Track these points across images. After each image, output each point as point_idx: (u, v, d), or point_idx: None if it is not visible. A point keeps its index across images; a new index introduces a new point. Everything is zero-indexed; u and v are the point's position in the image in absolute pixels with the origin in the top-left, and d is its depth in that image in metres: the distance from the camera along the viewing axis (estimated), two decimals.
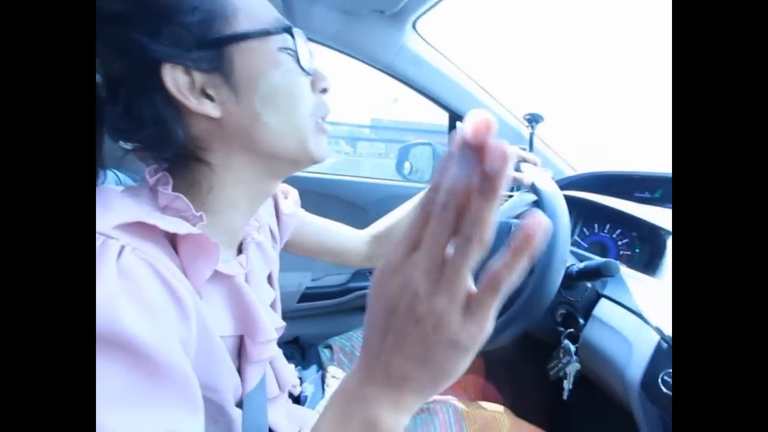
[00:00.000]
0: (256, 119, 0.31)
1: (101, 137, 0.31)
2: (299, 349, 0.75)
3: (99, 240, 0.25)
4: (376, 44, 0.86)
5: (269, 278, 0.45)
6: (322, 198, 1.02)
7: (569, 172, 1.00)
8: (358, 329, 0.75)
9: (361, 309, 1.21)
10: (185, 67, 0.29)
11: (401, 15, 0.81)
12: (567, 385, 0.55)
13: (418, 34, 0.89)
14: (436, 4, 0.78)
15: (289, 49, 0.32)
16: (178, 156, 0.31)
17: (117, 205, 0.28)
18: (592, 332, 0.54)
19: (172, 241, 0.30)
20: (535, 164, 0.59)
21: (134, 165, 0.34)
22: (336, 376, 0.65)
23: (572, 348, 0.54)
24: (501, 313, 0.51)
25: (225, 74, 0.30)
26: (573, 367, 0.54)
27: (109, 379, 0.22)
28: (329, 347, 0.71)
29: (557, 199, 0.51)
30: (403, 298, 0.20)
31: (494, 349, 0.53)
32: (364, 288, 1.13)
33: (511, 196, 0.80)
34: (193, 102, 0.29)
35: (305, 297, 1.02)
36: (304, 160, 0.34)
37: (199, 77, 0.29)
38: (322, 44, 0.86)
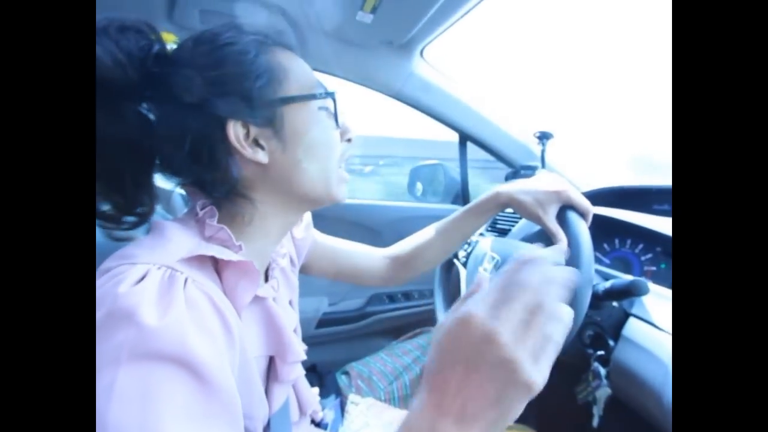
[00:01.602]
0: (298, 166, 0.36)
1: (150, 173, 0.37)
2: (317, 376, 0.74)
3: (167, 273, 0.28)
4: (385, 73, 0.90)
5: (290, 303, 0.47)
6: (336, 222, 1.04)
7: (583, 187, 0.99)
8: (375, 354, 0.75)
9: (378, 333, 1.19)
10: (243, 122, 0.34)
11: (409, 45, 0.85)
12: (597, 411, 0.52)
13: (426, 62, 0.92)
14: (442, 32, 0.81)
15: (327, 108, 0.38)
16: (229, 193, 0.35)
17: (176, 238, 0.32)
18: (623, 354, 0.52)
19: (217, 268, 0.33)
20: (585, 215, 0.51)
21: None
22: (355, 402, 0.63)
23: (602, 371, 0.51)
24: None
25: (276, 128, 0.35)
26: (603, 392, 0.51)
27: (174, 395, 0.24)
28: (347, 373, 0.70)
29: (586, 254, 0.48)
30: (487, 344, 0.22)
31: None
32: (381, 312, 1.11)
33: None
34: (249, 151, 0.34)
35: (323, 322, 1.02)
36: (327, 200, 0.40)
37: (254, 130, 0.34)
38: (334, 75, 0.90)
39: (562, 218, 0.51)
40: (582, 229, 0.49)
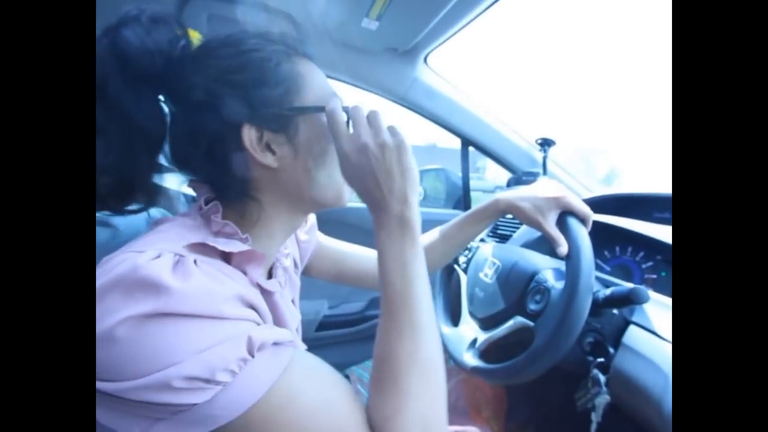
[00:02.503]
0: (307, 173, 0.37)
1: (155, 171, 0.37)
2: None
3: (174, 258, 0.28)
4: (390, 79, 0.91)
5: (293, 302, 0.48)
6: (339, 226, 1.04)
7: (584, 194, 0.99)
8: None
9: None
10: (258, 127, 0.35)
11: (414, 51, 0.86)
12: (595, 417, 0.52)
13: (430, 68, 0.93)
14: (446, 39, 0.82)
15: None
16: (237, 194, 0.36)
17: (180, 231, 0.32)
18: (623, 362, 0.52)
19: (226, 259, 0.34)
20: (584, 220, 0.51)
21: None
22: None
23: (602, 379, 0.52)
24: (527, 347, 0.50)
25: (289, 136, 0.36)
26: (602, 399, 0.51)
27: (192, 339, 0.25)
28: (347, 377, 0.70)
29: (586, 257, 0.48)
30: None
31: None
32: None
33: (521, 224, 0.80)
34: (260, 154, 0.35)
35: (323, 325, 1.02)
36: (333, 204, 0.41)
37: (267, 135, 0.35)
38: (337, 79, 0.91)
39: (561, 224, 0.51)
40: (582, 233, 0.49)
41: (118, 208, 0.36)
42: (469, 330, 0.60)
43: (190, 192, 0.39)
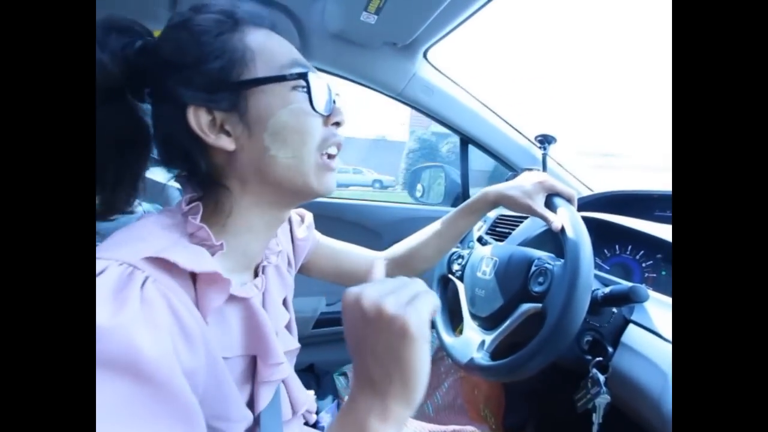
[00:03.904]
0: (265, 153, 0.34)
1: (137, 171, 0.36)
2: (314, 377, 0.74)
3: (127, 270, 0.27)
4: (388, 74, 0.90)
5: (284, 301, 0.46)
6: (335, 222, 1.04)
7: (584, 192, 0.98)
8: None
9: None
10: (207, 108, 0.32)
11: (413, 46, 0.85)
12: (596, 419, 0.51)
13: (429, 63, 0.92)
14: (446, 35, 0.81)
15: (303, 88, 0.35)
16: (204, 182, 0.35)
17: (149, 237, 0.31)
18: (622, 361, 0.51)
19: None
20: (570, 199, 0.53)
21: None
22: None
23: (601, 378, 0.51)
24: (522, 344, 0.49)
25: (240, 113, 0.33)
26: (603, 399, 0.51)
27: (115, 398, 0.24)
28: (344, 375, 0.69)
29: (581, 235, 0.49)
30: (366, 312, 0.26)
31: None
32: None
33: (525, 218, 0.79)
34: (212, 137, 0.33)
35: (320, 323, 1.01)
36: (306, 191, 0.37)
37: (219, 116, 0.33)
38: (337, 75, 0.90)
39: (549, 205, 0.54)
40: (570, 208, 0.52)
41: (104, 218, 0.36)
42: (474, 334, 0.59)
43: (178, 186, 0.38)
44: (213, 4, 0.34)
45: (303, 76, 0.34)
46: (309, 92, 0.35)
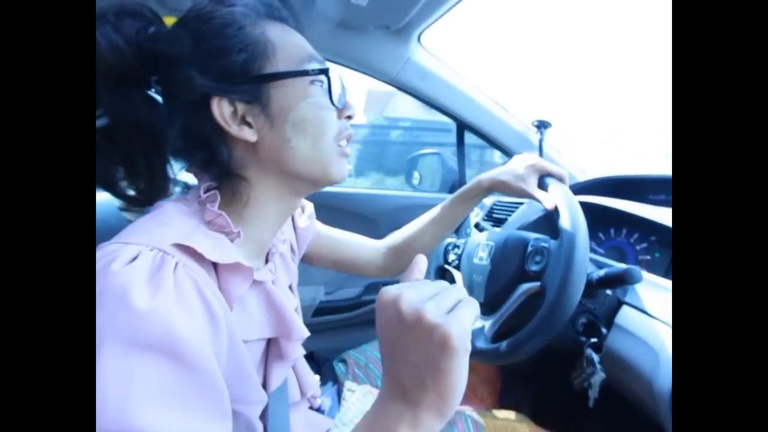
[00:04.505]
0: (286, 144, 0.35)
1: (165, 158, 0.37)
2: (315, 364, 0.75)
3: (158, 255, 0.28)
4: (382, 59, 0.88)
5: (290, 288, 0.48)
6: (333, 212, 1.03)
7: (580, 177, 0.98)
8: (372, 342, 0.75)
9: (375, 322, 1.20)
10: (230, 99, 0.33)
11: (406, 29, 0.83)
12: (593, 393, 0.53)
13: (423, 47, 0.90)
14: (440, 17, 0.79)
15: (321, 82, 0.36)
16: (223, 173, 0.35)
17: (172, 222, 0.32)
18: (615, 341, 0.53)
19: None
20: (561, 179, 0.55)
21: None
22: (351, 389, 0.64)
23: (596, 358, 0.52)
24: (522, 327, 0.50)
25: (262, 105, 0.34)
26: (598, 377, 0.52)
27: (154, 381, 0.24)
28: (344, 361, 0.71)
29: (575, 211, 0.49)
30: (403, 317, 0.25)
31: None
32: None
33: (521, 204, 0.80)
34: (235, 128, 0.34)
35: (319, 311, 1.02)
36: (324, 180, 0.38)
37: (241, 107, 0.33)
38: (328, 59, 0.88)
39: (542, 186, 0.55)
40: (562, 187, 0.53)
41: (142, 207, 0.36)
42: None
43: (189, 179, 0.38)
44: None
45: (324, 71, 0.36)
46: (330, 88, 0.36)
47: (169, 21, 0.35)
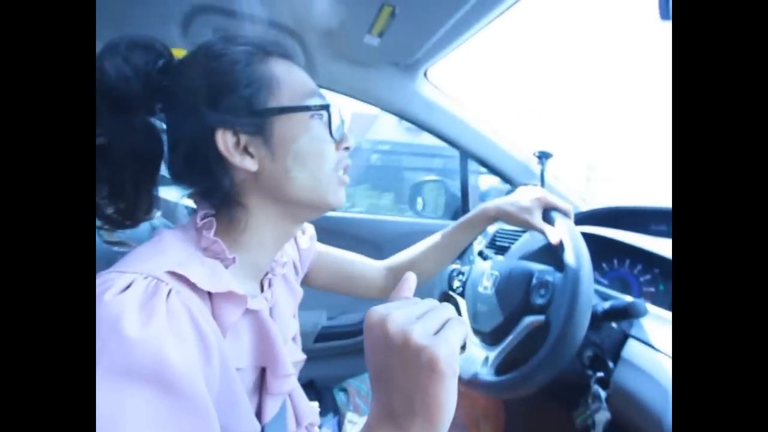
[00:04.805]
0: (286, 173, 0.36)
1: (153, 183, 0.38)
2: (315, 392, 0.73)
3: (152, 283, 0.28)
4: (390, 92, 0.92)
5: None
6: (337, 236, 1.04)
7: (581, 206, 0.99)
8: None
9: None
10: (234, 131, 0.34)
11: (414, 66, 0.88)
12: None
13: (430, 82, 0.95)
14: (446, 54, 0.84)
15: (321, 116, 0.38)
16: (223, 200, 0.36)
17: (168, 250, 0.32)
18: (623, 376, 0.51)
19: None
20: (566, 214, 0.55)
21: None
22: (353, 421, 0.62)
23: (602, 394, 0.51)
24: (525, 359, 0.49)
25: (265, 137, 0.36)
26: (602, 416, 0.51)
27: (144, 412, 0.24)
28: (345, 390, 0.69)
29: (580, 247, 0.50)
30: (390, 340, 0.24)
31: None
32: None
33: (524, 232, 0.80)
34: (237, 158, 0.35)
35: (321, 337, 1.01)
36: (322, 207, 0.39)
37: (244, 138, 0.35)
38: (338, 92, 0.92)
39: (547, 219, 0.55)
40: (567, 222, 0.53)
41: (117, 228, 0.37)
42: (478, 351, 0.59)
43: (190, 204, 0.40)
44: (242, 36, 0.37)
45: (326, 107, 0.38)
46: (330, 122, 0.38)
47: (178, 53, 0.38)
